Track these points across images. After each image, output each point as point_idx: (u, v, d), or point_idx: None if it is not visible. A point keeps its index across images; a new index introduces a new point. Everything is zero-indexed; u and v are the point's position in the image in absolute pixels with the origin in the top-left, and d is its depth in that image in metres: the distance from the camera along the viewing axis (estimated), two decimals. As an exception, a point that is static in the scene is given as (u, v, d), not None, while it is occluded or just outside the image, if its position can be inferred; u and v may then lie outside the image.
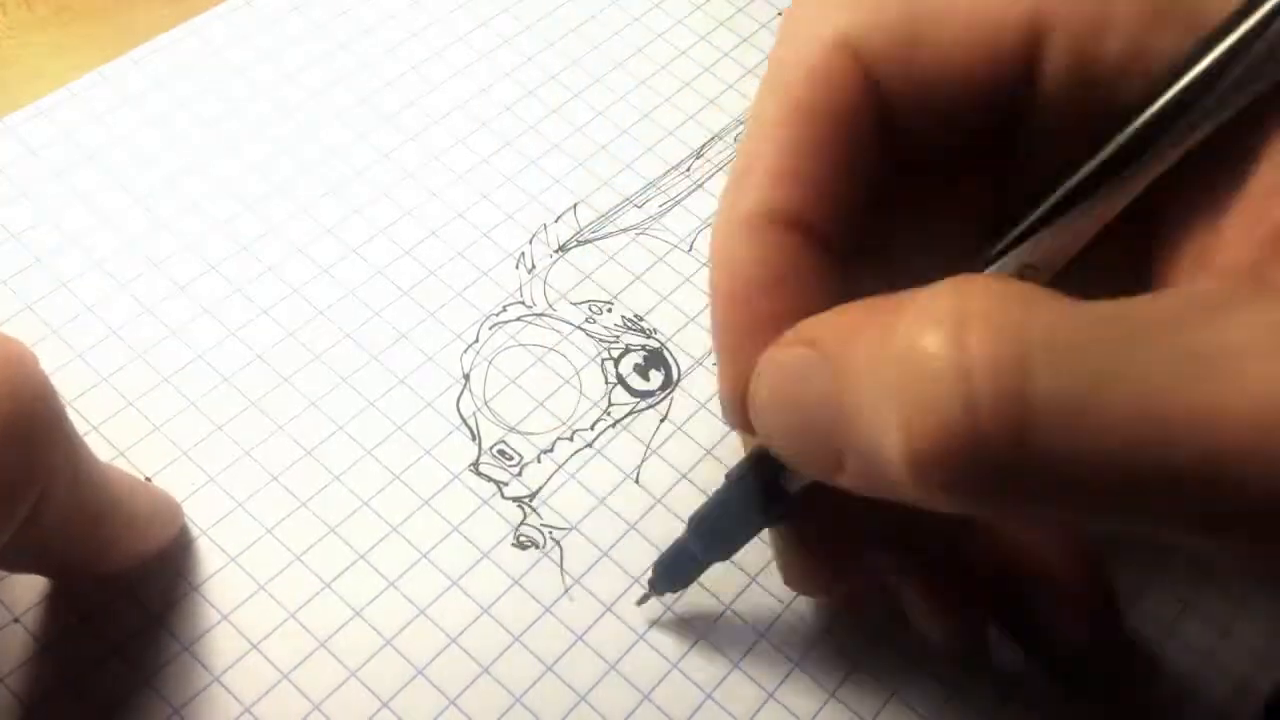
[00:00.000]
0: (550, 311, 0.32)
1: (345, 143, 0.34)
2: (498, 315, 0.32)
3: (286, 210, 0.33)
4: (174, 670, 0.25)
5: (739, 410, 0.21)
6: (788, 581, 0.26)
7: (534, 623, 0.27)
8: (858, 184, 0.21)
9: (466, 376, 0.30)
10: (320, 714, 0.25)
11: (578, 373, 0.31)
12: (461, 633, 0.26)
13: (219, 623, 0.26)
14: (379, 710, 0.25)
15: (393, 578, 0.27)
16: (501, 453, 0.29)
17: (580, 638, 0.27)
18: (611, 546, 0.28)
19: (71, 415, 0.23)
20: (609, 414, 0.30)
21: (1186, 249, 0.19)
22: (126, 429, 0.28)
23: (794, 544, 0.25)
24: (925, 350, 0.16)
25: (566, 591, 0.27)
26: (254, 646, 0.26)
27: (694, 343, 0.31)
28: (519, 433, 0.30)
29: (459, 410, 0.30)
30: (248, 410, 0.29)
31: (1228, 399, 0.16)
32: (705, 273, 0.33)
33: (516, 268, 0.33)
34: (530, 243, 0.33)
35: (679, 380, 0.31)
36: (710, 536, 0.25)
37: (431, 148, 0.35)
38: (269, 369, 0.30)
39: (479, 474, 0.29)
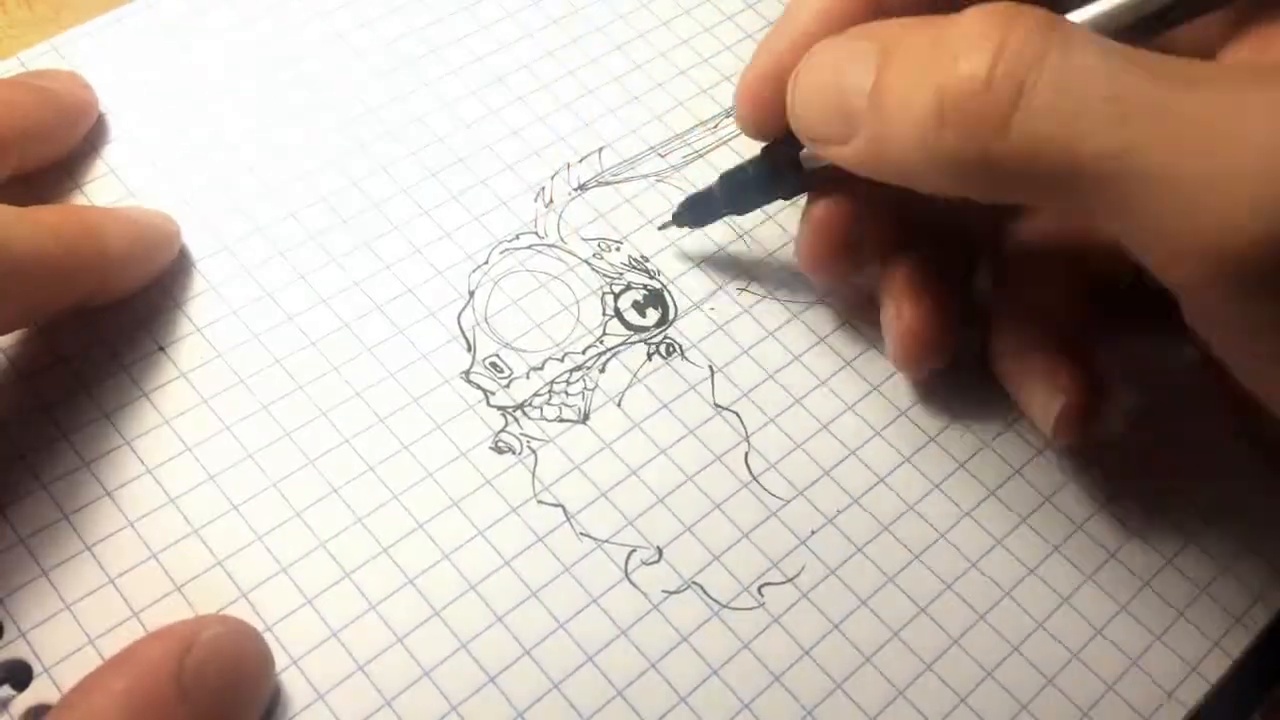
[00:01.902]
0: (561, 244, 0.33)
1: (385, 69, 0.36)
2: (510, 241, 0.33)
3: (323, 125, 0.34)
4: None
5: (750, 103, 0.28)
6: (802, 262, 0.30)
7: (499, 520, 0.28)
8: None
9: (471, 293, 0.32)
10: (287, 577, 0.26)
11: (578, 301, 0.32)
12: (429, 520, 0.28)
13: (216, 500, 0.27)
14: (340, 580, 0.27)
15: (373, 463, 0.28)
16: (493, 365, 0.30)
17: (541, 539, 0.28)
18: (584, 460, 0.29)
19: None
20: (601, 342, 0.31)
21: (1243, 50, 0.24)
22: (148, 302, 0.30)
23: (812, 220, 0.29)
24: (976, 30, 0.22)
25: (535, 496, 0.28)
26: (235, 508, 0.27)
27: (695, 288, 0.32)
28: (513, 349, 0.31)
29: (459, 323, 0.31)
30: (262, 299, 0.31)
31: (1181, 104, 0.20)
32: (717, 223, 0.33)
33: (535, 200, 0.34)
34: (552, 179, 0.34)
35: (674, 320, 0.32)
36: (733, 189, 0.30)
37: (471, 83, 0.36)
38: (287, 264, 0.31)
39: (469, 381, 0.30)
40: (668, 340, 0.31)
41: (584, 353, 0.31)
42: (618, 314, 0.32)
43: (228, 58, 0.36)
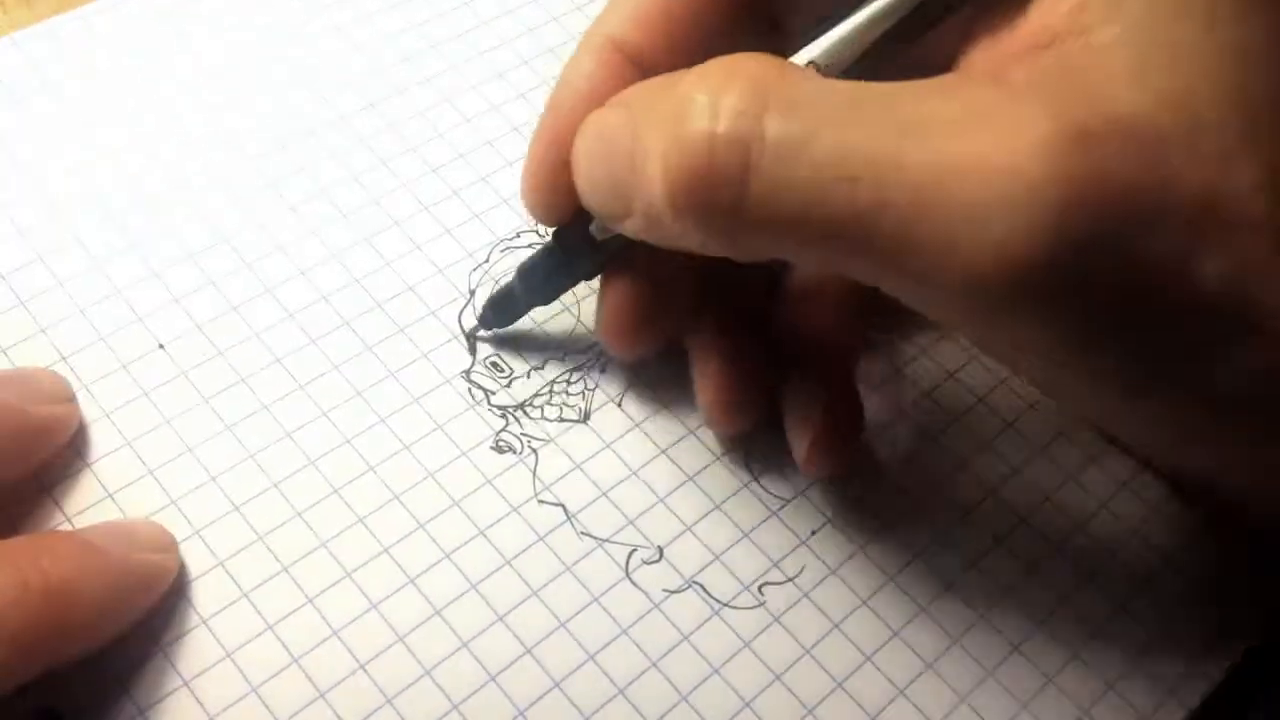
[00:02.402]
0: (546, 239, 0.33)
1: (386, 64, 0.36)
2: (510, 240, 0.33)
3: (324, 119, 0.34)
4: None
5: (535, 191, 0.27)
6: (601, 334, 0.28)
7: (500, 520, 0.28)
8: (708, 33, 0.25)
9: (472, 292, 0.32)
10: (289, 577, 0.26)
11: (578, 301, 0.32)
12: (430, 520, 0.28)
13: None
14: (342, 580, 0.27)
15: (374, 463, 0.28)
16: (494, 364, 0.31)
17: (542, 539, 0.28)
18: (585, 460, 0.29)
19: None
20: (602, 340, 0.31)
21: (977, 55, 0.22)
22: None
23: (610, 297, 0.28)
24: (691, 98, 0.21)
25: (536, 496, 0.28)
26: (237, 510, 0.27)
27: (695, 285, 0.32)
28: (513, 349, 0.31)
29: (460, 322, 0.31)
30: (263, 296, 0.31)
31: (907, 157, 0.19)
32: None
33: (536, 198, 0.34)
34: (553, 177, 0.34)
35: (675, 318, 0.32)
36: (532, 281, 0.29)
37: (471, 78, 0.36)
38: (287, 259, 0.31)
39: (470, 380, 0.30)
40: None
41: (584, 352, 0.31)
42: (618, 312, 0.32)
43: (227, 50, 0.35)
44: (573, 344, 0.31)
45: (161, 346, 0.30)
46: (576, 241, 0.27)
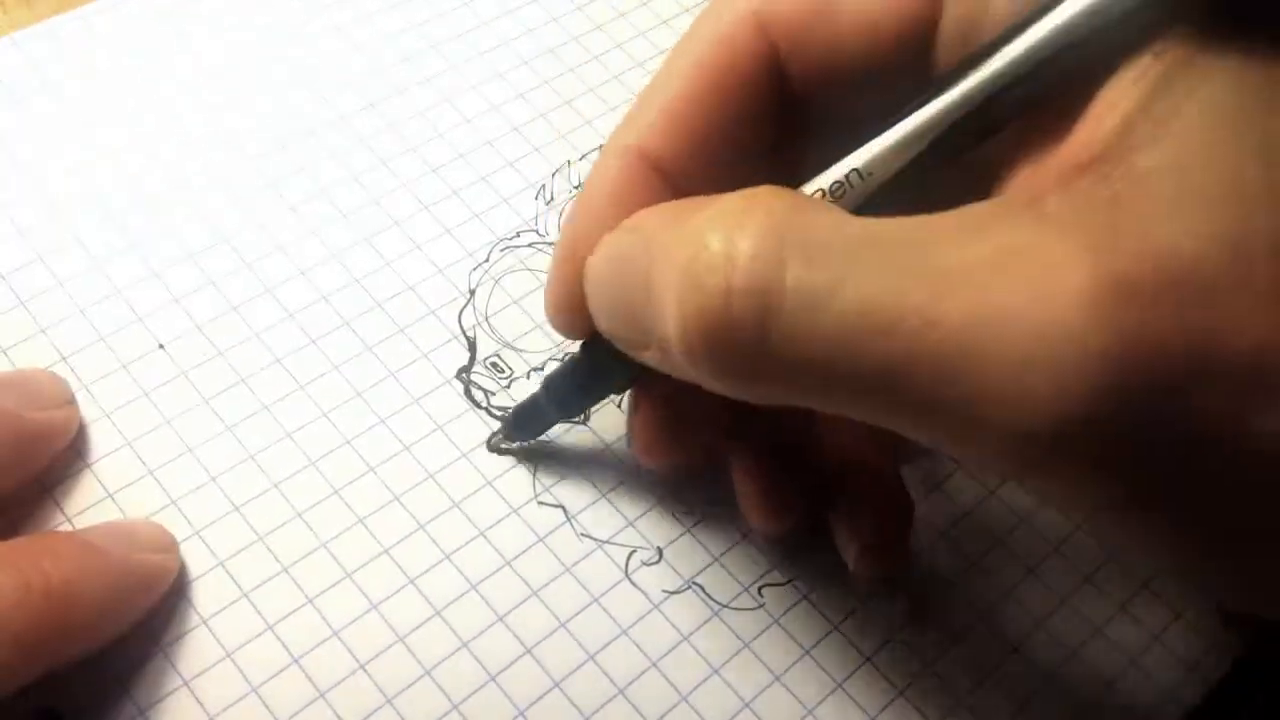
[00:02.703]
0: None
1: (386, 64, 0.36)
2: (510, 240, 0.33)
3: (324, 119, 0.34)
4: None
5: (560, 308, 0.25)
6: (634, 447, 0.27)
7: (500, 521, 0.28)
8: (734, 142, 0.23)
9: (472, 292, 0.32)
10: (289, 577, 0.27)
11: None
12: (430, 521, 0.28)
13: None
14: (342, 580, 0.27)
15: (374, 464, 0.28)
16: (494, 365, 0.31)
17: (542, 540, 0.28)
18: (585, 461, 0.29)
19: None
20: (602, 340, 0.31)
21: (1019, 177, 0.21)
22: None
23: (640, 414, 0.27)
24: (705, 241, 0.19)
25: (536, 497, 0.28)
26: (237, 508, 0.27)
27: (695, 285, 0.32)
28: (514, 349, 0.31)
29: (460, 321, 0.31)
30: (263, 295, 0.31)
31: (941, 308, 0.18)
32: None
33: (536, 198, 0.34)
34: (553, 176, 0.34)
35: (675, 318, 0.32)
36: (559, 395, 0.27)
37: (472, 78, 0.36)
38: (287, 259, 0.31)
39: (469, 381, 0.30)
40: (668, 339, 0.31)
41: (585, 351, 0.31)
42: (619, 313, 0.32)
43: (227, 50, 0.35)
44: (573, 344, 0.31)
45: (162, 346, 0.30)
46: (604, 356, 0.25)
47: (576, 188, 0.34)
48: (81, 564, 0.24)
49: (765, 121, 0.24)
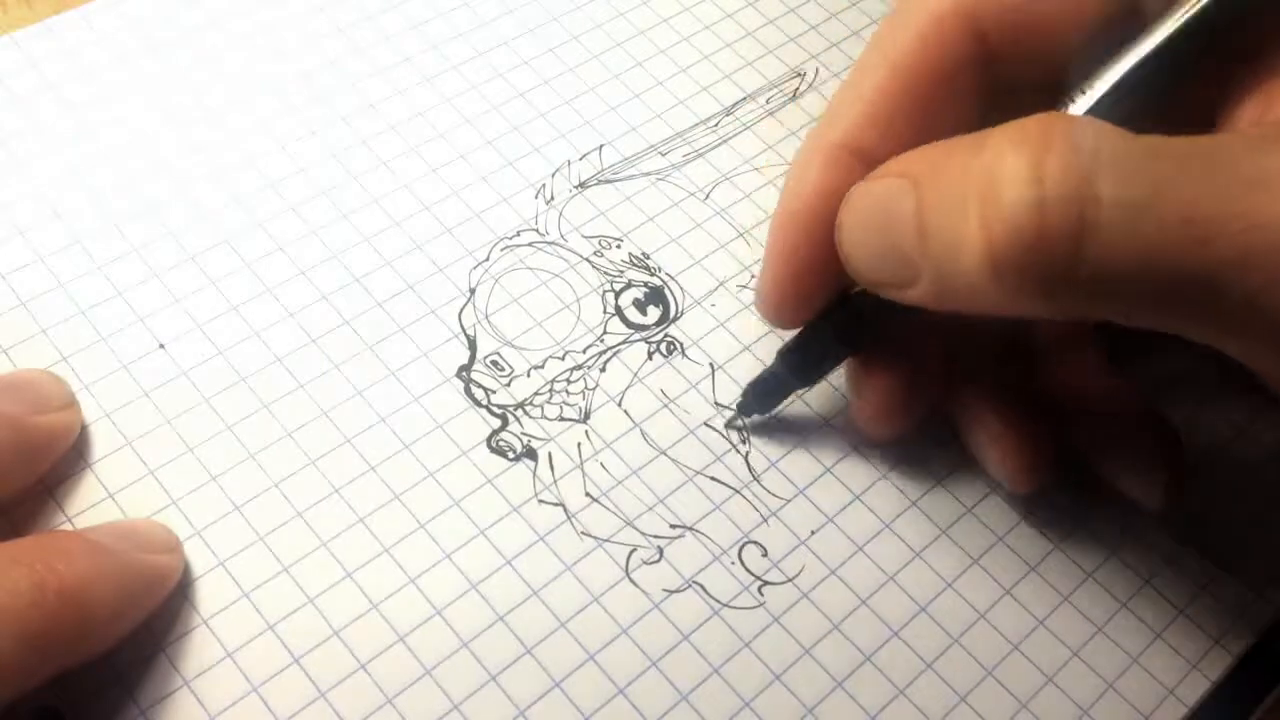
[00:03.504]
0: (561, 241, 0.33)
1: (386, 64, 0.36)
2: (511, 239, 0.33)
3: (325, 119, 0.34)
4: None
5: (777, 304, 0.27)
6: (861, 421, 0.29)
7: (500, 520, 0.28)
8: (943, 131, 0.23)
9: (472, 290, 0.32)
10: (290, 577, 0.27)
11: (579, 299, 0.32)
12: (430, 520, 0.28)
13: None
14: (343, 580, 0.27)
15: (374, 463, 0.28)
16: (494, 363, 0.31)
17: (542, 539, 0.28)
18: (585, 460, 0.29)
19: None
20: (602, 340, 0.31)
21: (1248, 109, 0.22)
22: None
23: (870, 381, 0.28)
24: (1007, 162, 0.20)
25: (536, 495, 0.28)
26: (237, 509, 0.27)
27: (695, 284, 0.32)
28: (514, 347, 0.31)
29: (460, 320, 0.31)
30: (263, 295, 0.31)
31: (1265, 211, 0.18)
32: (717, 220, 0.34)
33: (536, 197, 0.34)
34: (553, 176, 0.34)
35: (675, 318, 0.32)
36: (796, 362, 0.28)
37: (472, 78, 0.36)
38: (287, 259, 0.31)
39: (470, 379, 0.30)
40: (668, 338, 0.31)
41: (584, 351, 0.31)
42: (618, 312, 0.32)
43: (227, 50, 0.36)
44: (573, 342, 0.31)
45: (162, 346, 0.30)
46: (848, 323, 0.27)
47: (576, 187, 0.34)
48: (93, 564, 0.24)
49: (973, 106, 0.25)
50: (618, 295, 0.32)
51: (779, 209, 0.26)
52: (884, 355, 0.28)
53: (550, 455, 0.29)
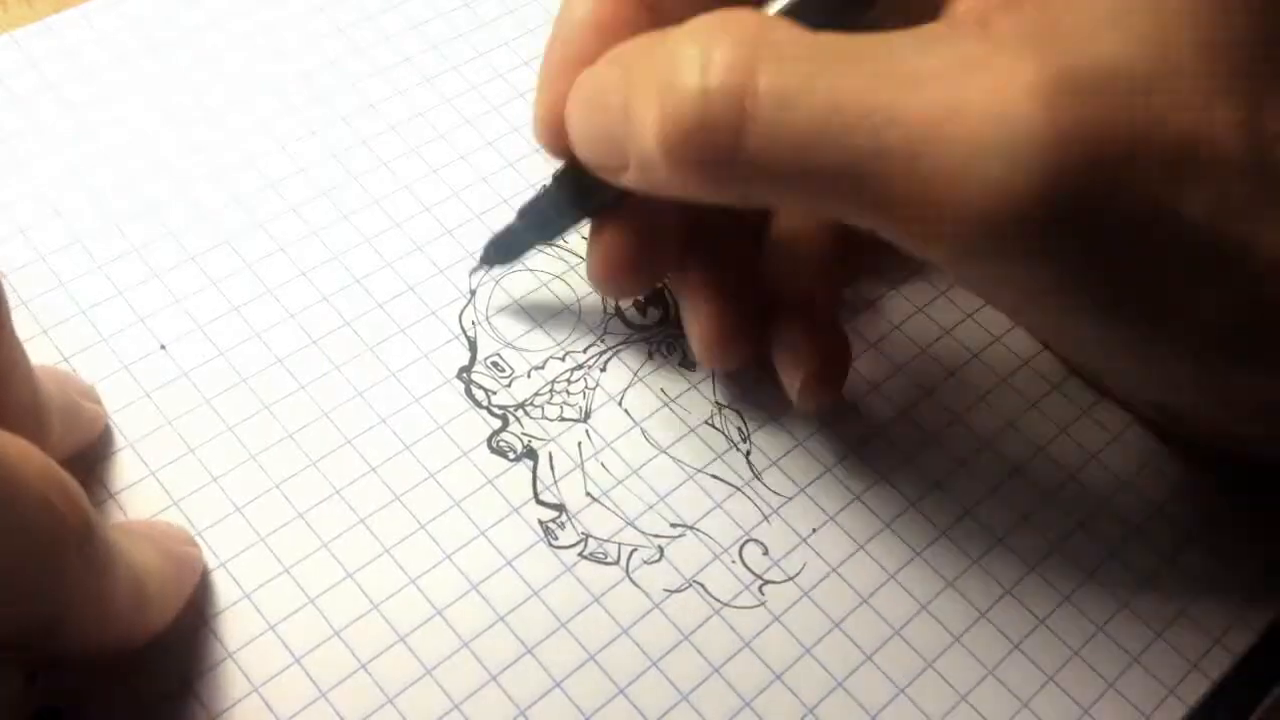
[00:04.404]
0: (562, 243, 0.33)
1: (386, 64, 0.36)
2: (511, 239, 0.33)
3: (325, 120, 0.34)
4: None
5: (547, 127, 0.27)
6: (591, 278, 0.29)
7: (500, 520, 0.28)
8: None
9: (473, 292, 0.32)
10: (290, 578, 0.27)
11: (579, 300, 0.32)
12: (431, 521, 0.28)
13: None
14: (343, 580, 0.27)
15: (375, 464, 0.28)
16: (495, 364, 0.31)
17: (542, 538, 0.28)
18: (586, 460, 0.29)
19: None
20: (603, 340, 0.31)
21: (950, 9, 0.23)
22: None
23: (600, 241, 0.28)
24: (683, 53, 0.21)
25: (536, 495, 0.28)
26: (238, 510, 0.27)
27: (696, 284, 0.32)
28: (514, 348, 0.31)
29: (460, 321, 0.31)
30: (264, 296, 0.31)
31: (903, 104, 0.20)
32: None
33: (536, 198, 0.34)
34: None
35: (675, 318, 0.32)
36: (534, 220, 0.30)
37: (472, 78, 0.36)
38: (287, 260, 0.32)
39: (470, 380, 0.30)
40: (669, 338, 0.31)
41: (585, 351, 0.31)
42: (619, 312, 0.32)
43: (228, 50, 0.36)
44: (574, 343, 0.31)
45: (163, 347, 0.30)
46: (575, 186, 0.28)
47: (577, 187, 0.34)
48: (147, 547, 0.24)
49: None
50: (618, 295, 0.32)
51: (550, 37, 0.27)
52: (619, 219, 0.28)
53: (551, 455, 0.29)
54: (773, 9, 0.24)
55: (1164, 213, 0.20)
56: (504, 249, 0.31)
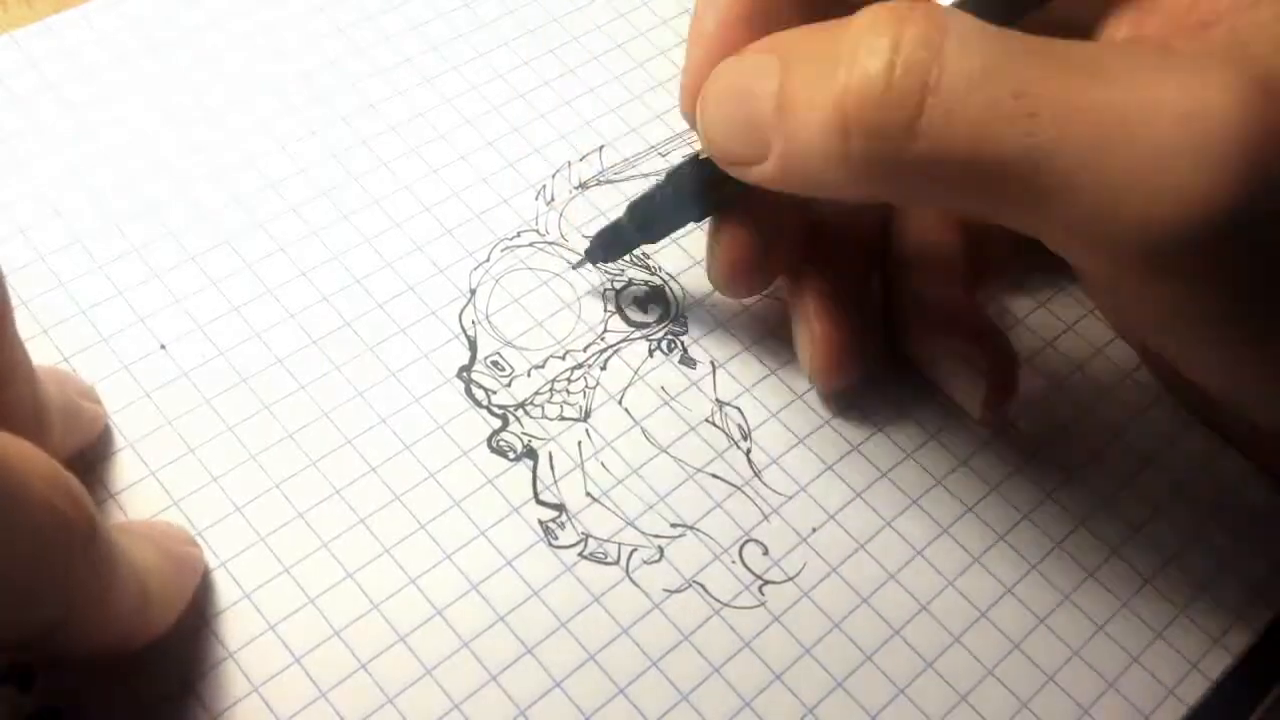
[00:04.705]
0: (562, 241, 0.33)
1: (386, 65, 0.36)
2: (511, 239, 0.33)
3: (325, 120, 0.34)
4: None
5: (695, 101, 0.26)
6: (713, 282, 0.29)
7: (500, 520, 0.28)
8: None
9: (473, 291, 0.32)
10: (290, 578, 0.27)
11: (579, 299, 0.32)
12: (431, 520, 0.28)
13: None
14: (343, 580, 0.27)
15: (375, 464, 0.28)
16: (495, 364, 0.31)
17: (542, 538, 0.28)
18: (586, 459, 0.29)
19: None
20: (603, 339, 0.31)
21: (1121, 28, 0.23)
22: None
23: (723, 243, 0.28)
24: (871, 33, 0.21)
25: (536, 495, 0.28)
26: (236, 510, 0.27)
27: (696, 284, 0.32)
28: (514, 347, 0.31)
29: (460, 321, 0.31)
30: (264, 296, 0.31)
31: (1093, 97, 0.19)
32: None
33: (536, 198, 0.34)
34: (553, 177, 0.34)
35: (675, 317, 0.32)
36: (644, 220, 0.29)
37: (472, 79, 0.36)
38: (287, 260, 0.32)
39: (470, 380, 0.30)
40: (669, 337, 0.31)
41: (585, 350, 0.31)
42: (619, 310, 0.32)
43: (228, 50, 0.36)
44: (574, 342, 0.31)
45: (163, 347, 0.30)
46: (690, 186, 0.28)
47: (576, 187, 0.34)
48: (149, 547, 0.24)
49: None
50: (618, 294, 0.32)
51: (695, 19, 0.26)
52: (741, 220, 0.28)
53: (551, 455, 0.29)
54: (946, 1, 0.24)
55: None
56: (609, 246, 0.31)
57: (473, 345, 0.31)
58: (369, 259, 0.32)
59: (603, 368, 0.31)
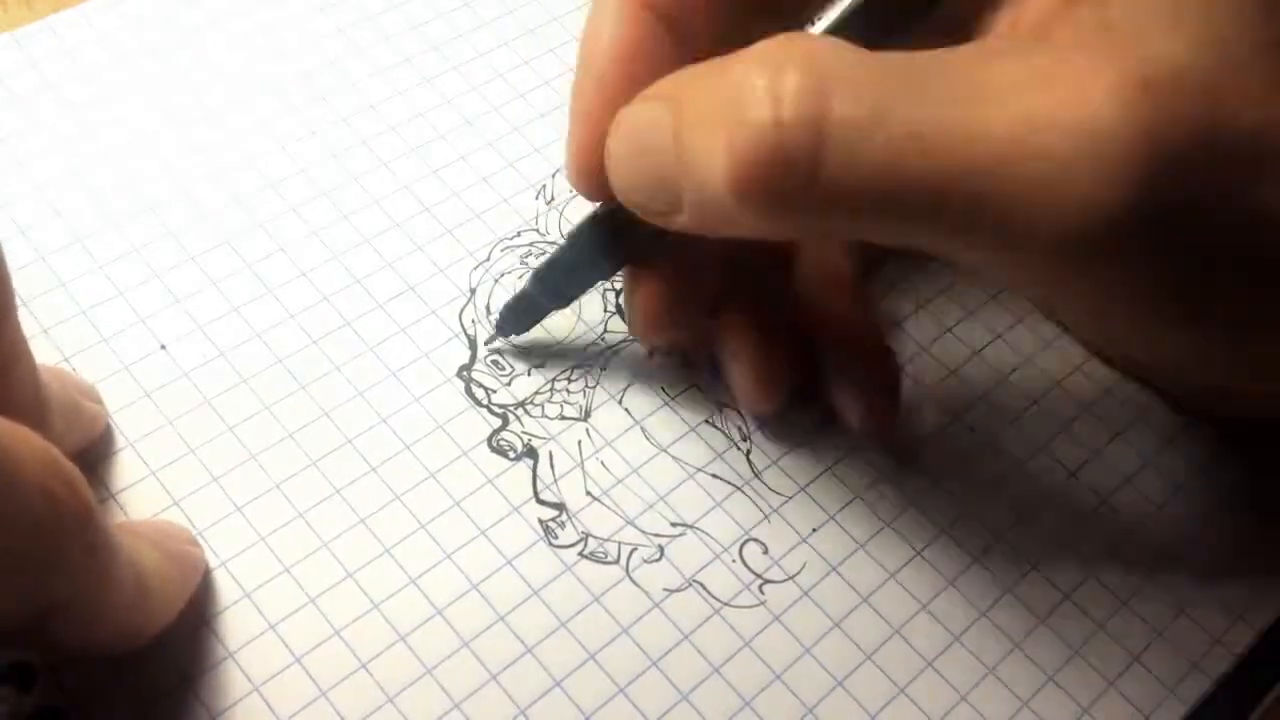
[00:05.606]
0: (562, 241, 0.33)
1: (386, 65, 0.36)
2: (511, 239, 0.33)
3: (325, 120, 0.34)
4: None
5: (583, 171, 0.25)
6: (632, 328, 0.29)
7: (500, 520, 0.28)
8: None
9: (472, 290, 0.32)
10: (291, 577, 0.27)
11: (579, 298, 0.32)
12: (431, 520, 0.28)
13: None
14: (344, 580, 0.27)
15: (375, 463, 0.28)
16: (495, 363, 0.31)
17: (543, 538, 0.28)
18: (586, 458, 0.29)
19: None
20: (603, 339, 0.31)
21: (1001, 18, 0.23)
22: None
23: (640, 291, 0.28)
24: (751, 84, 0.20)
25: (536, 495, 0.28)
26: (237, 509, 0.27)
27: (696, 284, 0.32)
28: (515, 347, 0.31)
29: (460, 320, 0.31)
30: (264, 296, 0.31)
31: (984, 123, 0.19)
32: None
33: (536, 198, 0.34)
34: (553, 177, 0.34)
35: (676, 317, 0.32)
36: (551, 286, 0.29)
37: (472, 79, 0.36)
38: (288, 259, 0.32)
39: (470, 379, 0.30)
40: (669, 338, 0.31)
41: (585, 350, 0.31)
42: (619, 310, 0.32)
43: (228, 50, 0.36)
44: (574, 341, 0.31)
45: (163, 348, 0.30)
46: (594, 243, 0.27)
47: (577, 187, 0.34)
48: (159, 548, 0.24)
49: None
50: (618, 294, 0.32)
51: (577, 71, 0.26)
52: (656, 268, 0.27)
53: (551, 454, 0.29)
54: (818, 27, 0.23)
55: (1242, 207, 0.20)
56: (519, 316, 0.30)
57: (473, 344, 0.31)
58: (369, 259, 0.32)
59: (603, 367, 0.31)
